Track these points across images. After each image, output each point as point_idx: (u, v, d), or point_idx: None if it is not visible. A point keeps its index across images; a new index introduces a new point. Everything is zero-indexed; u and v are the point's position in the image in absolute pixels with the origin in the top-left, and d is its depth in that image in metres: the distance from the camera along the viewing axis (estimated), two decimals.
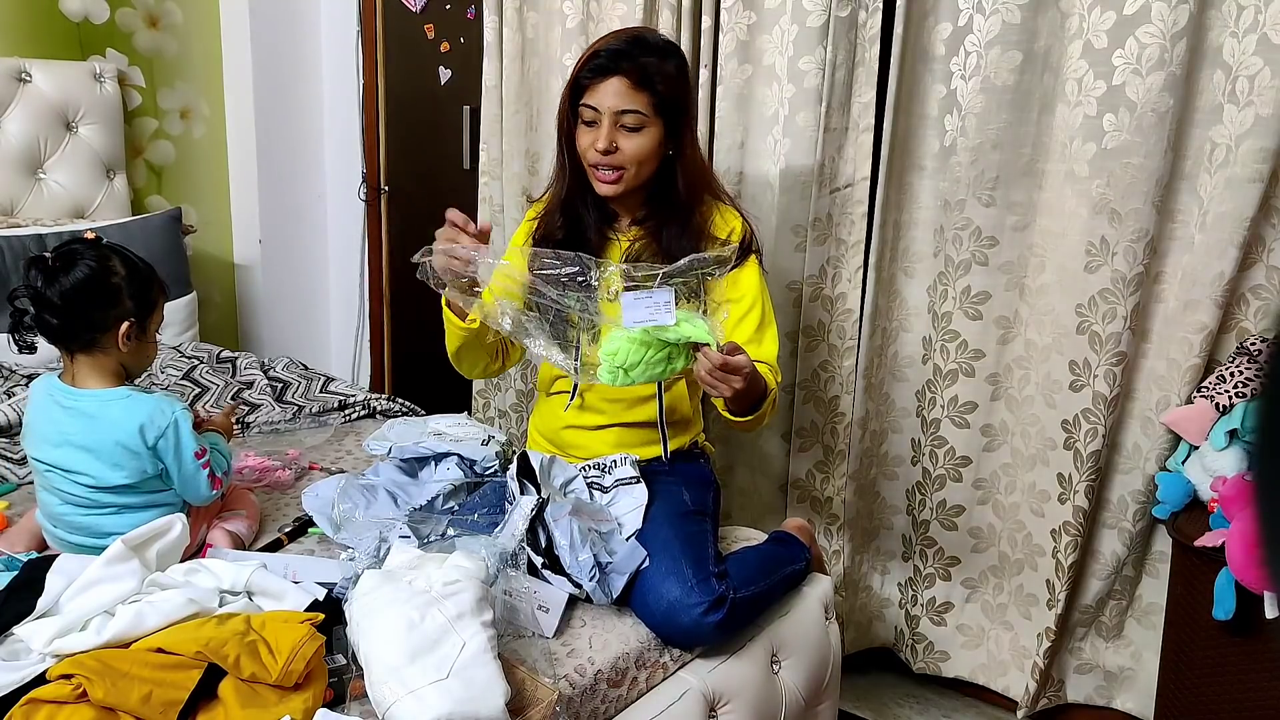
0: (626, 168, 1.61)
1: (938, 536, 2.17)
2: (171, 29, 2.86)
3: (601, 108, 1.58)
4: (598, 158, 1.60)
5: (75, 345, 1.45)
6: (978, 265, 1.99)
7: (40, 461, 1.47)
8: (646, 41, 1.62)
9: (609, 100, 1.57)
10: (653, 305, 1.38)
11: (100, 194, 2.69)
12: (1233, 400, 1.76)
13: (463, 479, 1.68)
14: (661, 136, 1.61)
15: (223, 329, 3.06)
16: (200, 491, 1.50)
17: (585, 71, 1.60)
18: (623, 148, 1.59)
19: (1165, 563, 1.93)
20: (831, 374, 2.20)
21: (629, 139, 1.59)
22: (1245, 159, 1.71)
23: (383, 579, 1.25)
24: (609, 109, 1.58)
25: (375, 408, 2.30)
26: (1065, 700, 2.12)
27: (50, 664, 1.14)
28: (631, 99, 1.57)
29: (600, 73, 1.58)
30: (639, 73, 1.57)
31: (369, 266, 3.23)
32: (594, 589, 1.43)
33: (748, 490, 2.39)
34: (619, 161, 1.60)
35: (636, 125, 1.59)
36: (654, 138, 1.60)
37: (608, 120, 1.58)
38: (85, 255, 1.42)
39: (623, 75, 1.57)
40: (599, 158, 1.60)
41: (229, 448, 1.61)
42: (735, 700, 1.49)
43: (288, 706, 1.11)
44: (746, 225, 1.71)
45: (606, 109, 1.58)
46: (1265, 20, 1.66)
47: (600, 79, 1.58)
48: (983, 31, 1.86)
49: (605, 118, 1.58)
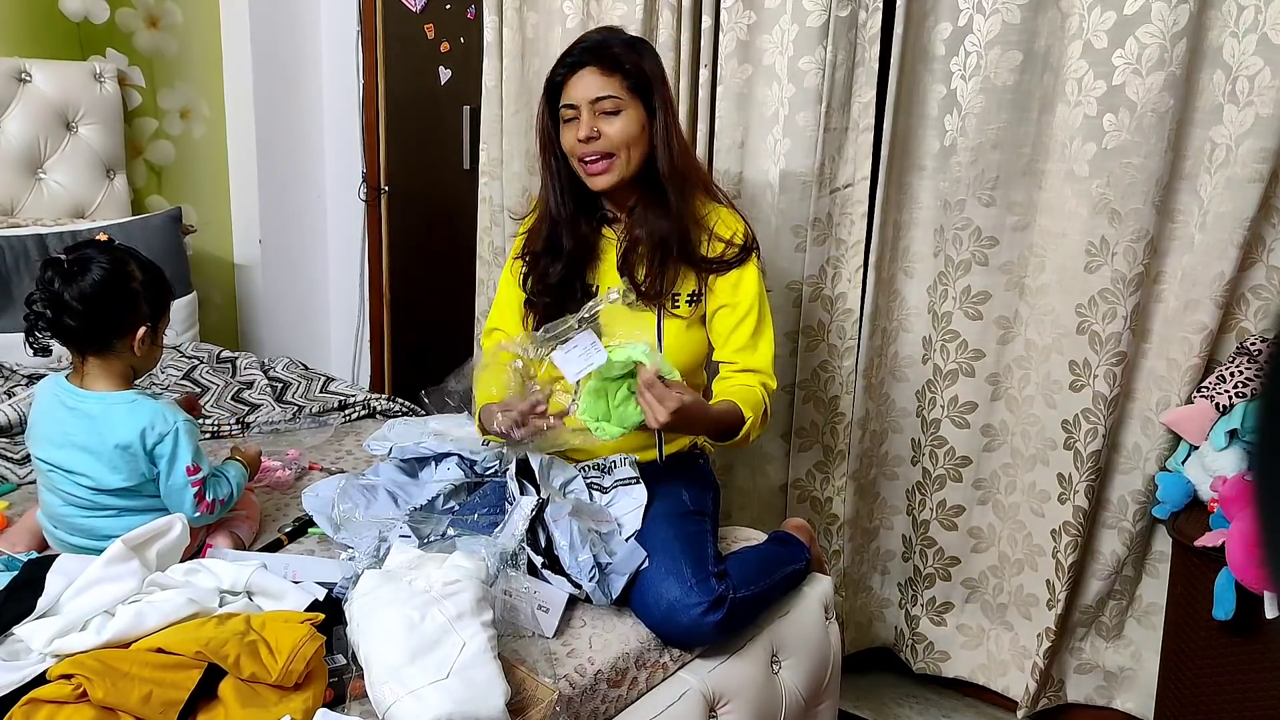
0: (615, 154, 1.63)
1: (938, 536, 2.17)
2: (171, 29, 2.86)
3: (578, 100, 1.62)
4: (584, 148, 1.62)
5: (91, 348, 1.45)
6: (978, 265, 1.99)
7: (43, 461, 1.48)
8: (612, 34, 1.71)
9: (582, 91, 1.62)
10: (583, 351, 1.41)
11: (100, 194, 2.69)
12: (1233, 400, 1.76)
13: (463, 479, 1.68)
14: (642, 119, 1.64)
15: (223, 329, 3.06)
16: (184, 507, 1.47)
17: (558, 73, 1.65)
18: (605, 132, 1.62)
19: (1165, 563, 1.93)
20: (831, 374, 2.20)
21: (609, 123, 1.62)
22: (1245, 159, 1.71)
23: (383, 579, 1.25)
24: (584, 99, 1.61)
25: (375, 408, 2.29)
26: (1065, 700, 2.12)
27: (50, 664, 1.14)
28: (604, 84, 1.61)
29: (571, 69, 1.63)
30: (608, 59, 1.62)
31: (369, 266, 3.23)
32: (593, 589, 1.43)
33: (748, 490, 2.39)
34: (605, 147, 1.62)
35: (614, 109, 1.62)
36: (634, 120, 1.63)
37: (586, 110, 1.61)
38: (101, 258, 1.42)
39: (592, 65, 1.62)
40: (585, 148, 1.62)
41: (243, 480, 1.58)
42: (735, 700, 1.49)
43: (288, 706, 1.11)
44: (748, 229, 1.72)
45: (583, 100, 1.62)
46: (1265, 20, 1.66)
47: (571, 74, 1.63)
48: (983, 31, 1.86)
49: (584, 109, 1.61)
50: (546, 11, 2.38)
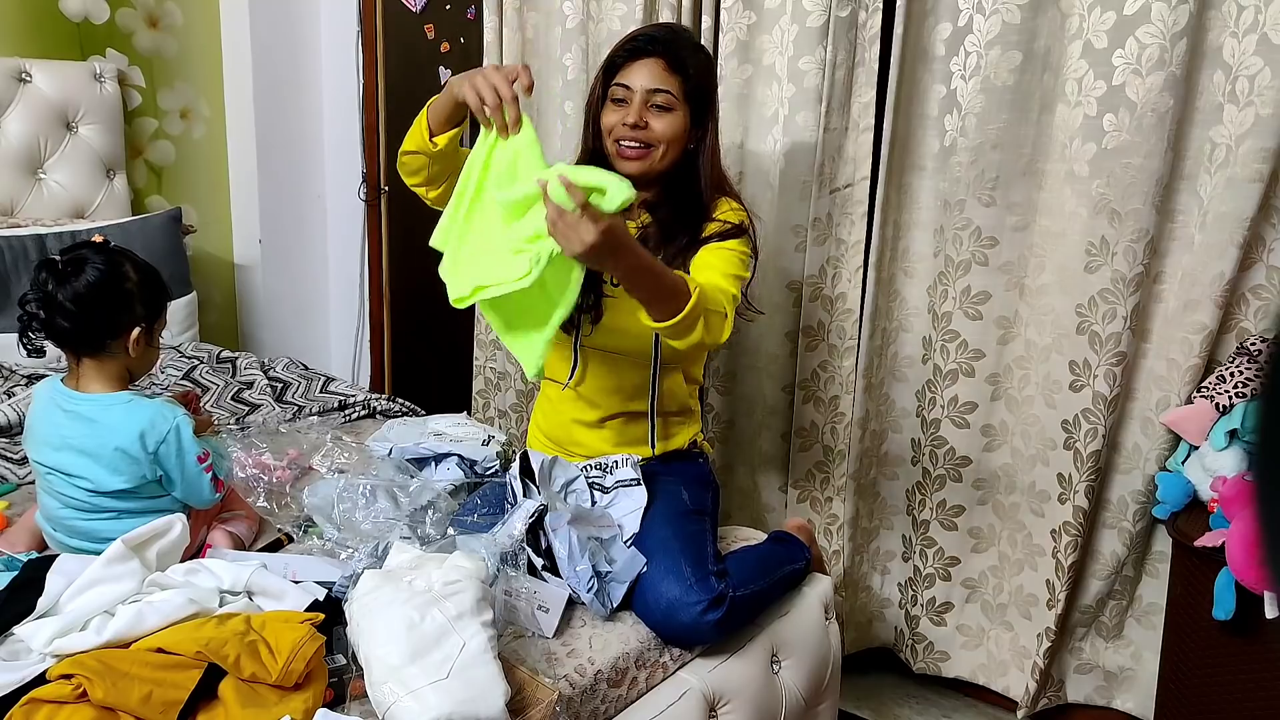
0: (654, 146, 1.64)
1: (938, 536, 2.17)
2: (171, 29, 2.86)
3: (635, 86, 1.63)
4: (626, 132, 1.63)
5: (85, 349, 1.45)
6: (978, 265, 1.99)
7: (41, 464, 1.48)
8: (683, 33, 1.74)
9: (642, 79, 1.63)
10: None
11: (100, 194, 2.69)
12: (1233, 400, 1.76)
13: (463, 479, 1.68)
14: (687, 124, 1.66)
15: (223, 329, 3.06)
16: (203, 495, 1.50)
17: (622, 52, 1.66)
18: (652, 125, 1.63)
19: (1165, 563, 1.93)
20: (831, 374, 2.20)
21: (659, 118, 1.64)
22: (1245, 159, 1.71)
23: (383, 579, 1.25)
24: (642, 87, 1.63)
25: (375, 408, 2.29)
26: (1065, 700, 2.12)
27: (50, 664, 1.14)
28: (665, 80, 1.63)
29: (636, 54, 1.65)
30: (674, 57, 1.64)
31: (369, 266, 3.23)
32: (591, 600, 1.43)
33: (748, 490, 2.39)
34: (647, 138, 1.64)
35: (666, 105, 1.63)
36: (681, 122, 1.65)
37: (639, 98, 1.63)
38: (96, 259, 1.42)
39: (658, 57, 1.64)
40: (627, 132, 1.63)
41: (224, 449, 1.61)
42: (735, 700, 1.49)
43: (288, 706, 1.11)
44: (749, 221, 1.71)
45: (640, 87, 1.63)
46: (1265, 20, 1.66)
47: (636, 59, 1.65)
48: (983, 31, 1.86)
49: (637, 95, 1.63)
50: (546, 12, 2.38)
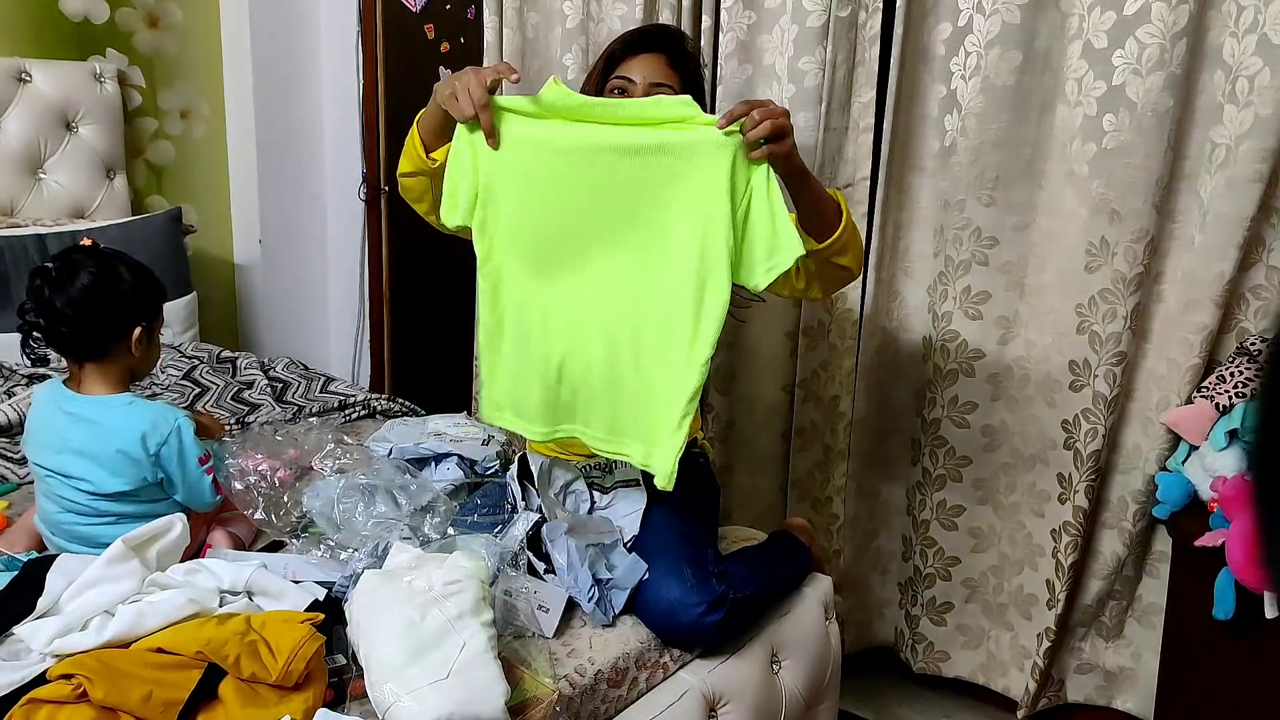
0: None
1: (938, 536, 2.17)
2: (171, 29, 2.86)
3: (637, 78, 1.65)
4: None
5: (88, 355, 1.45)
6: (978, 265, 1.99)
7: (41, 467, 1.47)
8: (682, 34, 1.79)
9: (645, 72, 1.65)
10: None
11: (100, 194, 2.69)
12: (1233, 400, 1.76)
13: (463, 479, 1.68)
14: None
15: (223, 329, 3.06)
16: (205, 497, 1.50)
17: (623, 46, 1.69)
18: None
19: (1165, 563, 1.93)
20: (831, 374, 2.20)
21: None
22: (1245, 159, 1.71)
23: (383, 579, 1.25)
24: (644, 79, 1.64)
25: (375, 408, 2.29)
26: (1065, 700, 2.12)
27: (50, 664, 1.14)
28: (666, 75, 1.65)
29: (639, 48, 1.67)
30: (678, 55, 1.68)
31: (369, 266, 3.22)
32: (592, 609, 1.43)
33: (748, 490, 2.39)
34: None
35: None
36: None
37: (642, 89, 1.64)
38: (88, 264, 1.42)
39: (661, 53, 1.66)
40: None
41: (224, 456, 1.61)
42: (735, 700, 1.49)
43: (288, 706, 1.11)
44: None
45: (642, 78, 1.65)
46: (1265, 20, 1.66)
47: (638, 53, 1.67)
48: (983, 31, 1.86)
49: (640, 87, 1.64)
50: (546, 12, 2.38)
